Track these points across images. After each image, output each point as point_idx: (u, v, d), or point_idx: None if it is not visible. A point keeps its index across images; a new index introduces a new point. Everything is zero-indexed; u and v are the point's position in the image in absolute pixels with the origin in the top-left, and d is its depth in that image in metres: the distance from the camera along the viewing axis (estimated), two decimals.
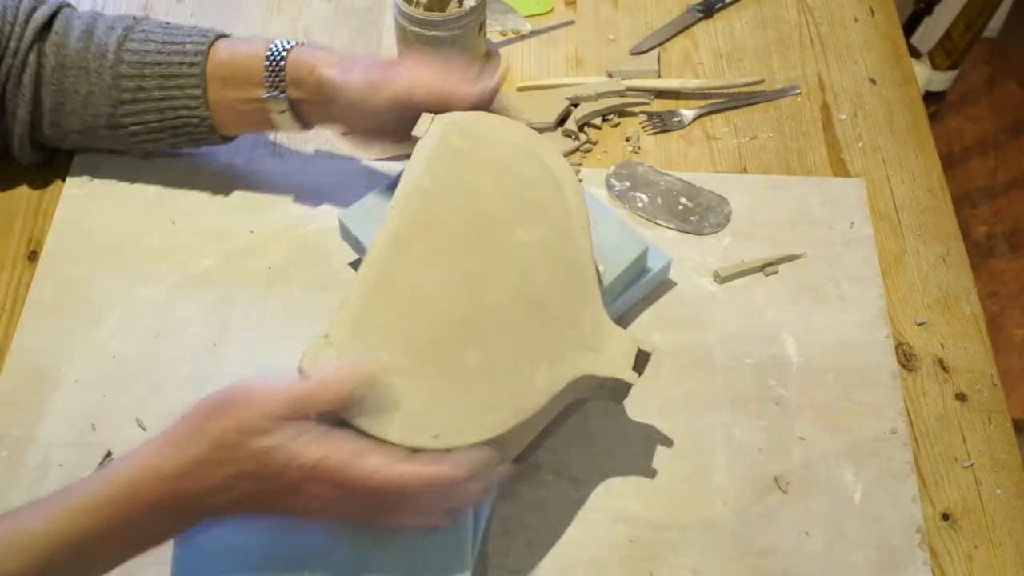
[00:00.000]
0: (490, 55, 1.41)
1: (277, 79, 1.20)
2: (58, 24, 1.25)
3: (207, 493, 0.89)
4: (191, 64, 1.22)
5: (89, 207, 1.33)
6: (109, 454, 1.14)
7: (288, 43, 1.21)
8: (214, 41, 1.24)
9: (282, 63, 1.19)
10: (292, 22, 1.56)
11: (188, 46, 1.23)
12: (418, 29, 1.38)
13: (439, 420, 0.95)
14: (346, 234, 1.24)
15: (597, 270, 1.07)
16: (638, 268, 1.20)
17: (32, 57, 1.24)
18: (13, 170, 1.35)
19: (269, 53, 1.20)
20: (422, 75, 1.16)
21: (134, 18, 1.27)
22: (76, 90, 1.25)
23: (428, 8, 1.41)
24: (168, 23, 1.27)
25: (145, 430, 1.16)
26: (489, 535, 1.10)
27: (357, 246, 1.24)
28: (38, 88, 1.25)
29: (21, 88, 1.24)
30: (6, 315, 1.25)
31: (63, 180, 1.35)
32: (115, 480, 0.89)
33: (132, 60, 1.24)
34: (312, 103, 1.21)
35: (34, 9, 1.25)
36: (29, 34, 1.23)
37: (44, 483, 1.13)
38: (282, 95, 1.21)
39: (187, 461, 0.89)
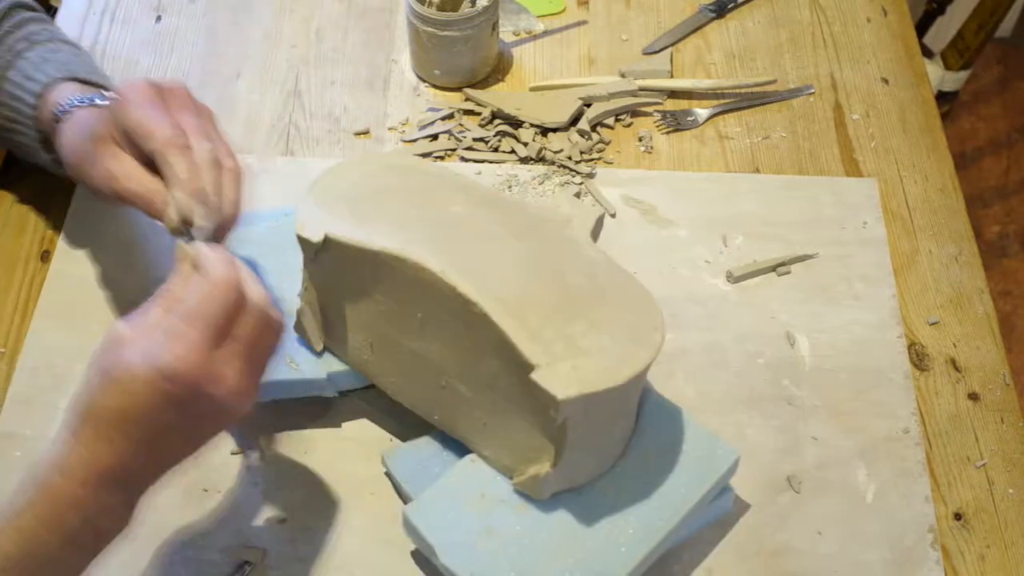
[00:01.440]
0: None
1: (52, 130, 1.16)
2: None
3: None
4: (29, 105, 1.19)
5: (101, 207, 1.33)
6: None
7: (93, 102, 1.14)
8: (53, 84, 1.18)
9: (62, 117, 1.14)
10: (304, 22, 1.56)
11: (34, 86, 1.18)
12: (430, 29, 1.38)
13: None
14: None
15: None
16: (725, 480, 1.10)
17: None
18: (26, 170, 1.35)
19: (58, 107, 1.15)
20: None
21: (29, 41, 1.24)
22: None
23: (441, 8, 1.42)
24: (56, 52, 1.24)
25: None
26: None
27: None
28: None
29: None
30: (19, 315, 1.26)
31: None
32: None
33: (5, 87, 1.21)
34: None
35: None
36: None
37: None
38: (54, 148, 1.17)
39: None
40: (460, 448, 1.09)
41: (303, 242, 1.04)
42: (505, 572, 0.99)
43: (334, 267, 1.05)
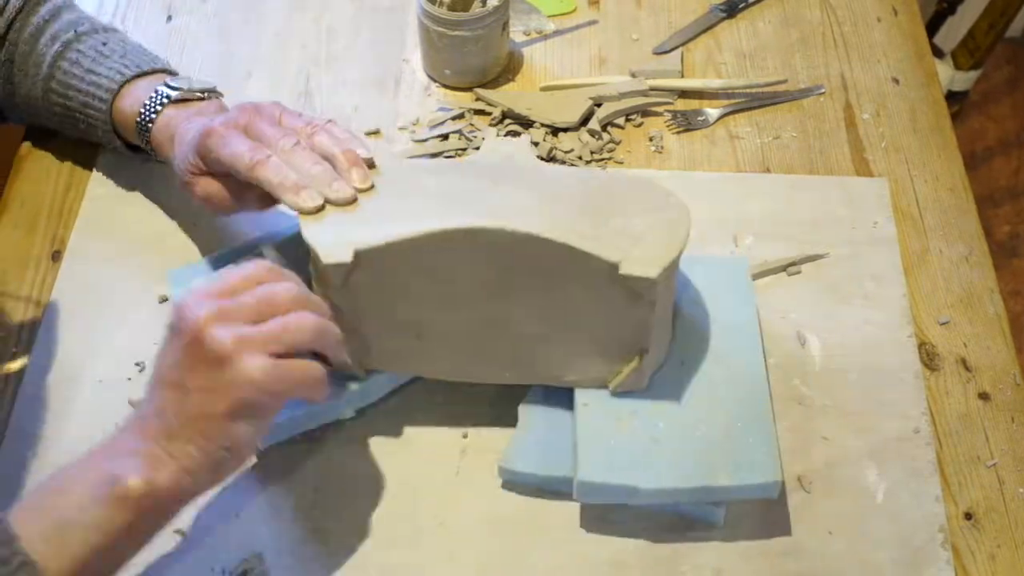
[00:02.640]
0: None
1: (145, 140, 1.23)
2: (21, 19, 1.29)
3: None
4: (101, 100, 1.25)
5: (113, 207, 1.34)
6: None
7: (166, 96, 1.22)
8: (124, 83, 1.25)
9: (150, 126, 1.21)
10: (315, 22, 1.56)
11: (104, 81, 1.25)
12: (441, 29, 1.39)
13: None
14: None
15: None
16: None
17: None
18: (38, 169, 1.36)
19: (140, 116, 1.22)
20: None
21: (75, 32, 1.28)
22: (20, 88, 1.30)
23: (452, 8, 1.42)
24: (105, 43, 1.29)
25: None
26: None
27: None
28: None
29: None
30: (30, 314, 1.26)
31: (86, 180, 1.36)
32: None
33: (61, 80, 1.27)
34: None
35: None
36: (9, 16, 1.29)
37: None
38: (150, 150, 1.24)
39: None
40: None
41: (333, 269, 1.02)
42: (715, 465, 1.06)
43: (366, 280, 1.04)
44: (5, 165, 1.38)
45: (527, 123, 1.43)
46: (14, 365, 1.22)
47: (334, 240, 1.03)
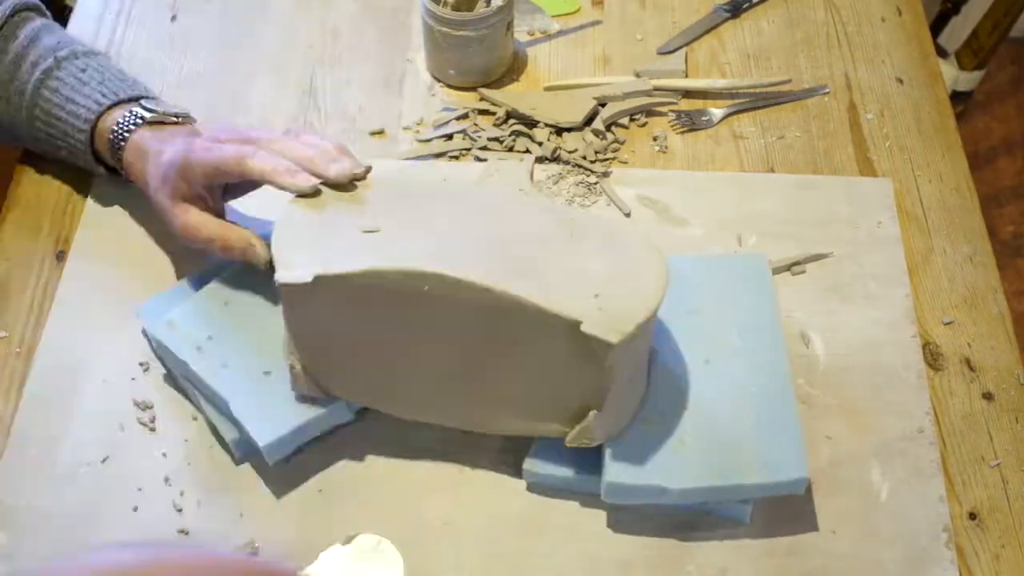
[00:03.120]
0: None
1: (117, 159, 1.24)
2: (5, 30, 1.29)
3: None
4: (79, 131, 1.25)
5: (117, 207, 1.34)
6: None
7: (140, 117, 1.23)
8: (103, 112, 1.25)
9: (122, 144, 1.22)
10: (319, 22, 1.56)
11: (82, 112, 1.25)
12: (445, 29, 1.39)
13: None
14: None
15: None
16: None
17: None
18: (42, 169, 1.36)
19: (112, 134, 1.23)
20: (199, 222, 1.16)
21: (55, 58, 1.28)
22: (2, 114, 1.30)
23: (455, 8, 1.42)
24: (84, 69, 1.28)
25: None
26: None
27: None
28: None
29: None
30: (35, 315, 1.26)
31: (90, 180, 1.36)
32: None
33: (44, 108, 1.27)
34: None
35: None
36: None
37: (73, 483, 1.14)
38: (121, 170, 1.25)
39: None
40: None
41: (289, 288, 1.02)
42: (742, 463, 1.07)
43: (325, 305, 1.03)
44: (9, 165, 1.38)
45: (531, 123, 1.43)
46: (19, 365, 1.22)
47: (306, 256, 1.03)
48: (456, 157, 1.40)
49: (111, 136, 1.23)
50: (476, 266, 0.99)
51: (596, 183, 1.37)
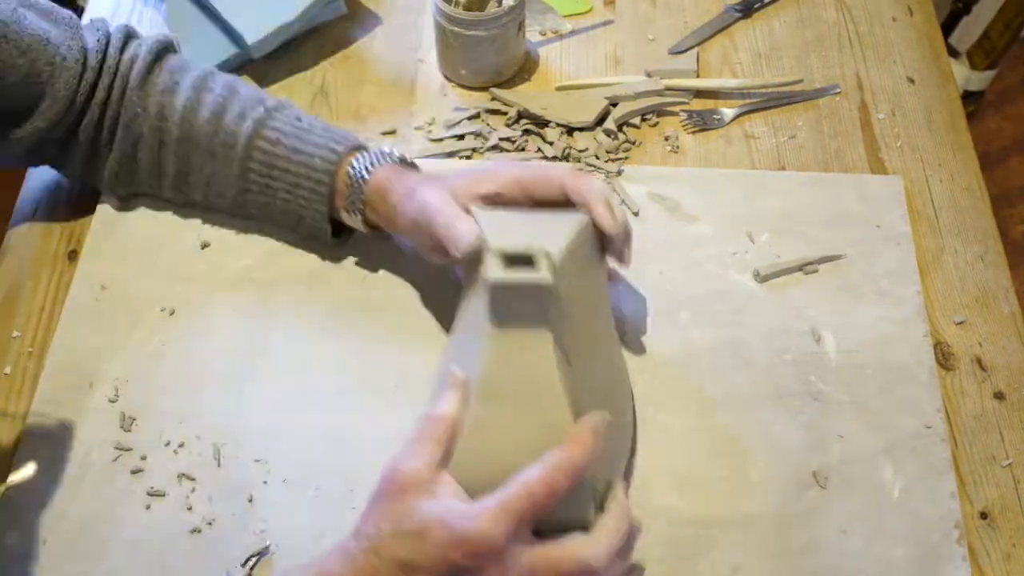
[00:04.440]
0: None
1: (356, 200, 1.19)
2: (171, 81, 1.26)
3: None
4: (318, 182, 1.21)
5: (129, 206, 1.35)
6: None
7: (380, 161, 1.20)
8: (342, 159, 1.22)
9: (362, 184, 1.19)
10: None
11: (317, 162, 1.21)
12: (456, 28, 1.39)
13: None
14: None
15: None
16: None
17: (132, 106, 1.25)
18: (52, 171, 1.36)
19: (350, 175, 1.20)
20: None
21: (264, 109, 1.24)
22: (202, 168, 1.26)
23: (467, 8, 1.42)
24: (299, 118, 1.25)
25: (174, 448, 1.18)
26: None
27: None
28: (159, 150, 1.26)
29: (115, 133, 1.26)
30: (46, 314, 1.27)
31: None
32: None
33: (262, 159, 1.23)
34: (382, 224, 1.21)
35: (124, 46, 1.27)
36: (132, 82, 1.25)
37: (84, 483, 1.14)
38: (358, 215, 1.21)
39: None
40: None
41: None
42: None
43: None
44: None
45: (542, 123, 1.43)
46: (31, 364, 1.23)
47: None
48: (468, 157, 1.40)
49: (348, 179, 1.20)
50: None
51: (607, 182, 1.37)
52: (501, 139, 1.41)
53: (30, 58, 1.18)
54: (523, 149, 1.41)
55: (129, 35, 1.28)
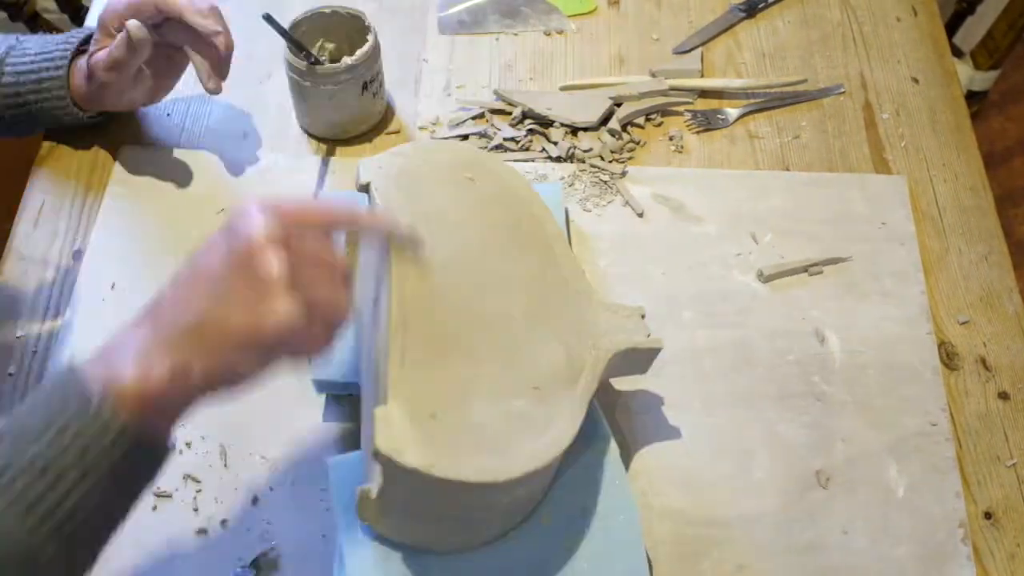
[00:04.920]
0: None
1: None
2: None
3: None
4: (57, 67, 1.32)
5: (133, 204, 1.35)
6: None
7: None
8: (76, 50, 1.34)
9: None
10: None
11: (56, 54, 1.33)
12: (294, 76, 1.37)
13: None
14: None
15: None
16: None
17: None
18: (58, 168, 1.36)
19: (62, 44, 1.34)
20: None
21: (17, 38, 1.35)
22: None
23: (333, 56, 1.42)
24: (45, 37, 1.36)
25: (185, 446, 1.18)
26: None
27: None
28: None
29: None
30: (51, 314, 1.27)
31: (107, 179, 1.37)
32: None
33: (9, 71, 1.32)
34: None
35: None
36: None
37: None
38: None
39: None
40: None
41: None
42: None
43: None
44: (27, 164, 1.39)
45: (547, 123, 1.43)
46: (36, 364, 1.23)
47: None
48: None
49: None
50: (423, 301, 0.98)
51: (611, 182, 1.37)
52: (505, 139, 1.42)
53: None
54: (527, 149, 1.41)
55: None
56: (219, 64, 1.31)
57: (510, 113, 1.45)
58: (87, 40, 1.34)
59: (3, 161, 1.48)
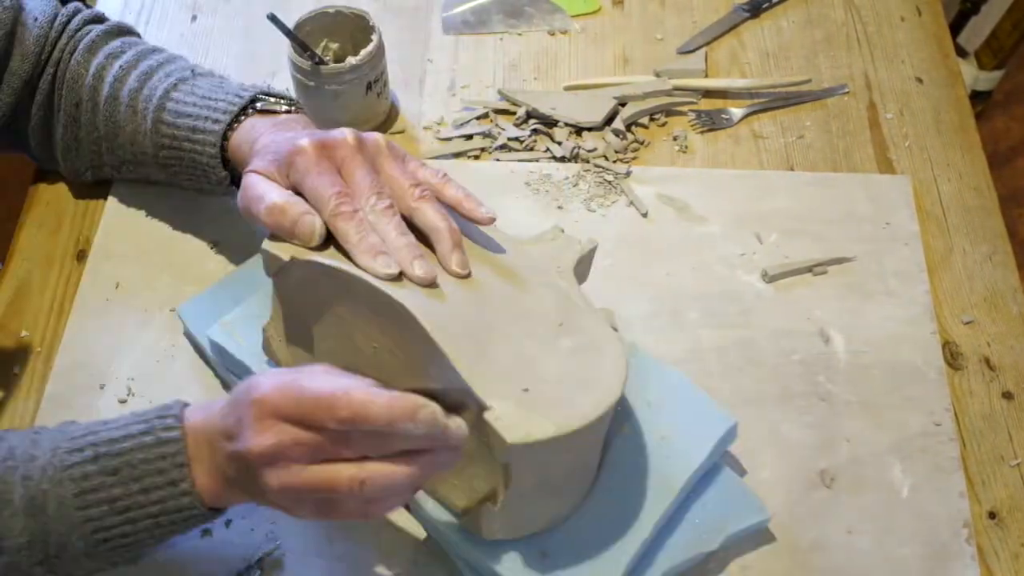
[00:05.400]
0: None
1: (222, 147, 1.18)
2: (119, 48, 1.27)
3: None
4: (215, 121, 1.18)
5: (137, 206, 1.35)
6: None
7: (252, 107, 1.18)
8: (243, 109, 1.18)
9: (229, 134, 1.17)
10: None
11: (220, 104, 1.18)
12: (299, 76, 1.36)
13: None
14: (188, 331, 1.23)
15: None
16: (723, 445, 1.11)
17: (76, 66, 1.27)
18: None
19: (219, 122, 1.18)
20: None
21: (192, 71, 1.24)
22: (125, 126, 1.24)
23: (338, 56, 1.41)
24: (223, 79, 1.25)
25: None
26: None
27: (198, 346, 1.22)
28: (92, 112, 1.26)
29: (64, 98, 1.27)
30: (55, 315, 1.27)
31: (111, 180, 1.36)
32: None
33: (172, 109, 1.21)
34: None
35: (75, 16, 1.30)
36: (82, 44, 1.27)
37: None
38: (225, 161, 1.19)
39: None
40: None
41: (269, 258, 1.00)
42: None
43: (300, 286, 1.01)
44: (31, 164, 1.39)
45: (551, 123, 1.43)
46: (39, 365, 1.23)
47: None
48: (476, 157, 1.40)
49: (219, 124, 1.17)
50: (438, 312, 0.94)
51: (615, 182, 1.37)
52: (510, 139, 1.42)
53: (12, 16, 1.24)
54: (531, 149, 1.41)
55: (98, 17, 1.32)
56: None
57: (514, 113, 1.45)
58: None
59: (8, 162, 1.48)
